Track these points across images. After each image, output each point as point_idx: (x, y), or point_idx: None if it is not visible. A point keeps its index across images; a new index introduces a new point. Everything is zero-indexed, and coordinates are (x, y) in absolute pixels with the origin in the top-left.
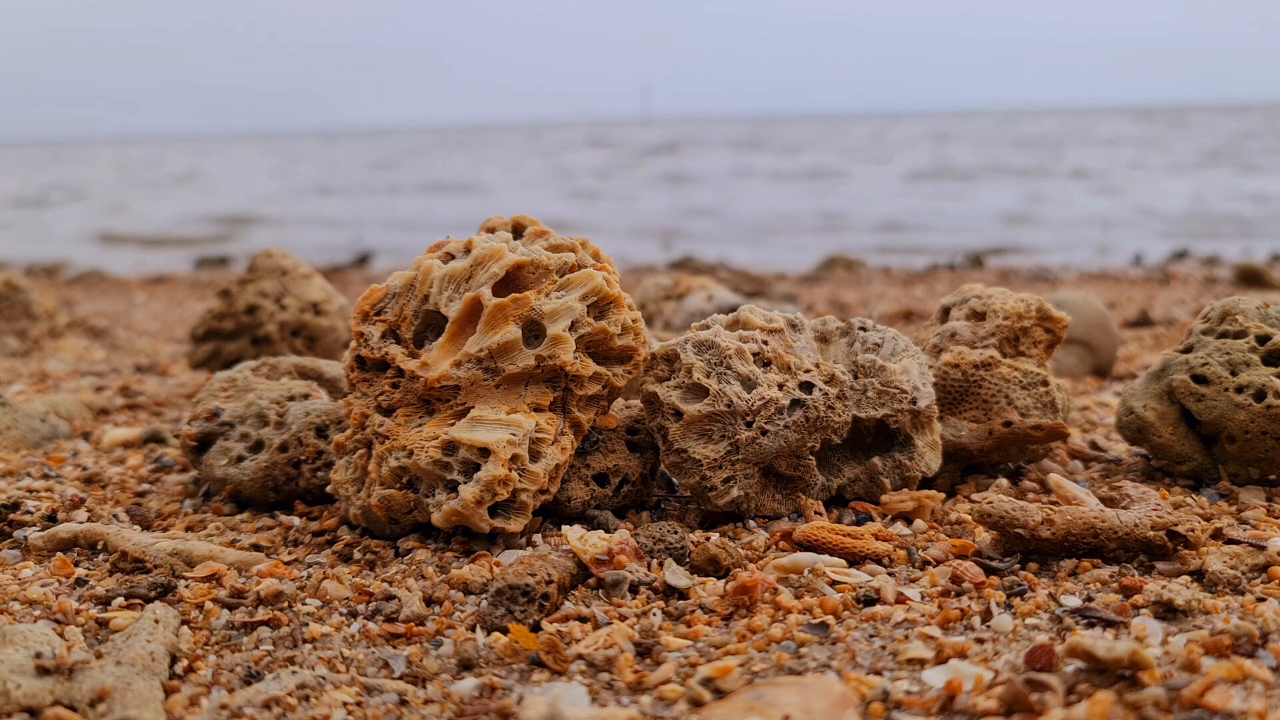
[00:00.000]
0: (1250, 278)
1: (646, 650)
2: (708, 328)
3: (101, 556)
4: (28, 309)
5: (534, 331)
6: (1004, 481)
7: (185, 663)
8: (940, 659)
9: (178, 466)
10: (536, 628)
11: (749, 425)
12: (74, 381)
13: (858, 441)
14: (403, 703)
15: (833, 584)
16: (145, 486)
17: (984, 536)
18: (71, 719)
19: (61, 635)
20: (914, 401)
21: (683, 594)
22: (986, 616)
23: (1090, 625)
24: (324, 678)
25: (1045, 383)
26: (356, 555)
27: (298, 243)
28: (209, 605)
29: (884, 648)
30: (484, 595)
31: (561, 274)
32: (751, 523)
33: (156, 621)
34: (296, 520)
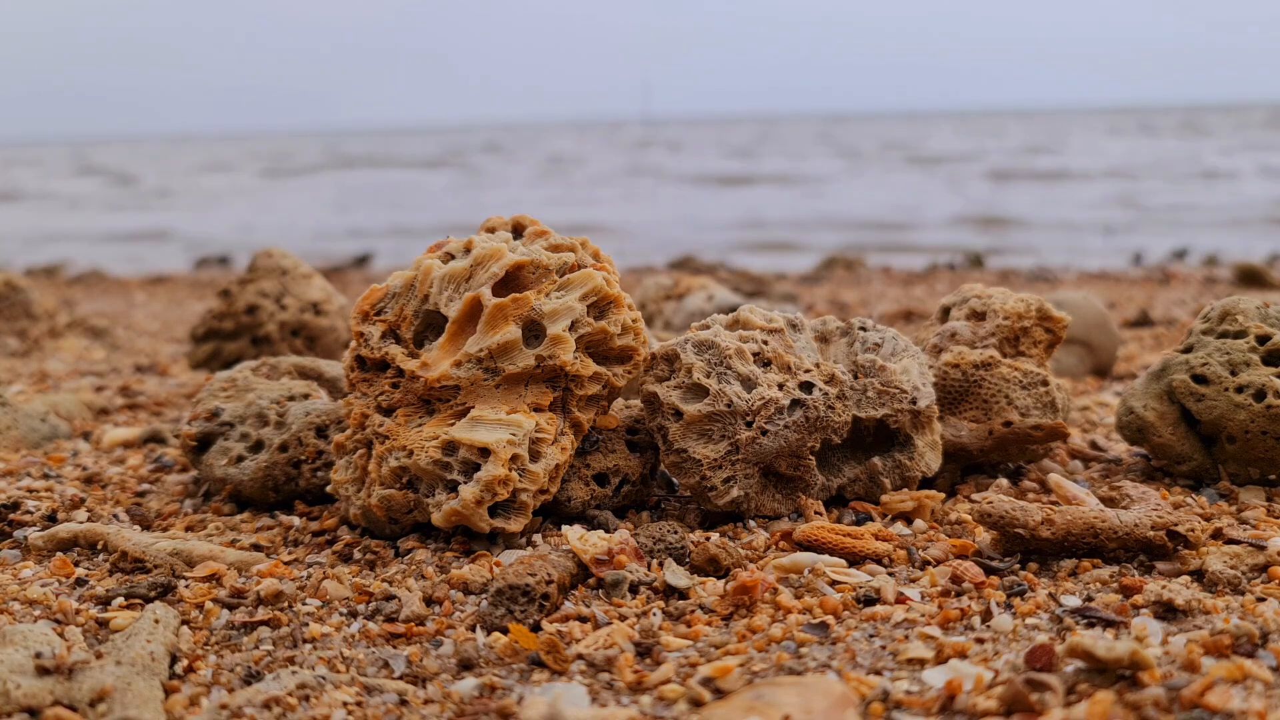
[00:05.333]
0: (1250, 278)
1: (646, 650)
2: (708, 328)
3: (101, 556)
4: (28, 309)
5: (534, 331)
6: (1004, 481)
7: (185, 663)
8: (940, 659)
9: (178, 466)
10: (536, 628)
11: (749, 425)
12: (74, 381)
13: (858, 441)
14: (403, 703)
15: (833, 584)
16: (145, 486)
17: (984, 536)
18: (71, 719)
19: (61, 635)
20: (914, 401)
21: (683, 594)
22: (986, 616)
23: (1090, 625)
24: (324, 678)
25: (1045, 383)
26: (356, 555)
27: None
28: (209, 605)
29: (884, 648)
30: (484, 595)
31: (561, 274)
32: (751, 523)
33: (156, 621)
34: (296, 520)
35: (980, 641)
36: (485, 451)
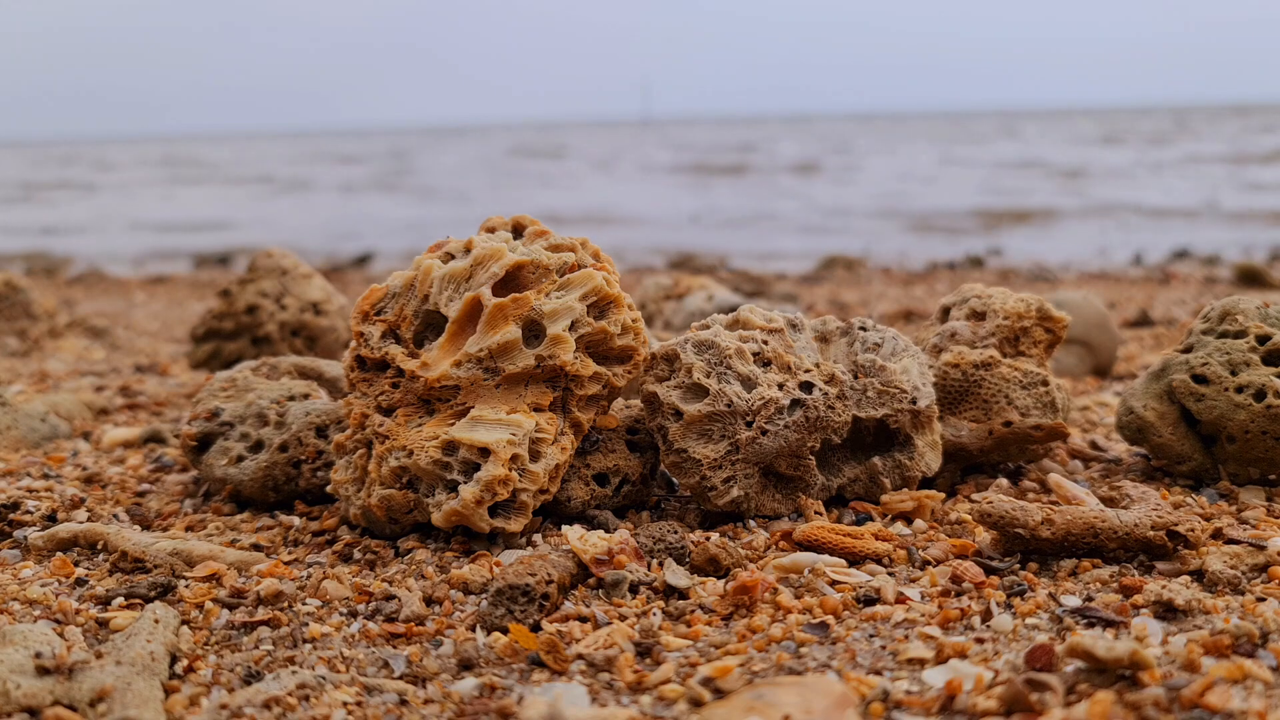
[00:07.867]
0: (1250, 277)
1: (646, 650)
2: (708, 327)
3: (101, 556)
4: (28, 309)
5: (534, 331)
6: (1004, 481)
7: (185, 663)
8: (940, 659)
9: (178, 466)
10: (536, 628)
11: (749, 425)
12: (74, 381)
13: (858, 441)
14: (403, 703)
15: (833, 584)
16: (145, 486)
17: (984, 536)
18: (71, 719)
19: (61, 635)
20: (914, 401)
21: (683, 594)
22: (986, 616)
23: (1090, 625)
24: (324, 678)
25: (1045, 382)
26: (356, 555)
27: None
28: (209, 605)
29: (884, 648)
30: (484, 595)
31: (561, 274)
32: (751, 523)
33: (156, 621)
34: (296, 520)
35: (980, 641)
36: (485, 451)
